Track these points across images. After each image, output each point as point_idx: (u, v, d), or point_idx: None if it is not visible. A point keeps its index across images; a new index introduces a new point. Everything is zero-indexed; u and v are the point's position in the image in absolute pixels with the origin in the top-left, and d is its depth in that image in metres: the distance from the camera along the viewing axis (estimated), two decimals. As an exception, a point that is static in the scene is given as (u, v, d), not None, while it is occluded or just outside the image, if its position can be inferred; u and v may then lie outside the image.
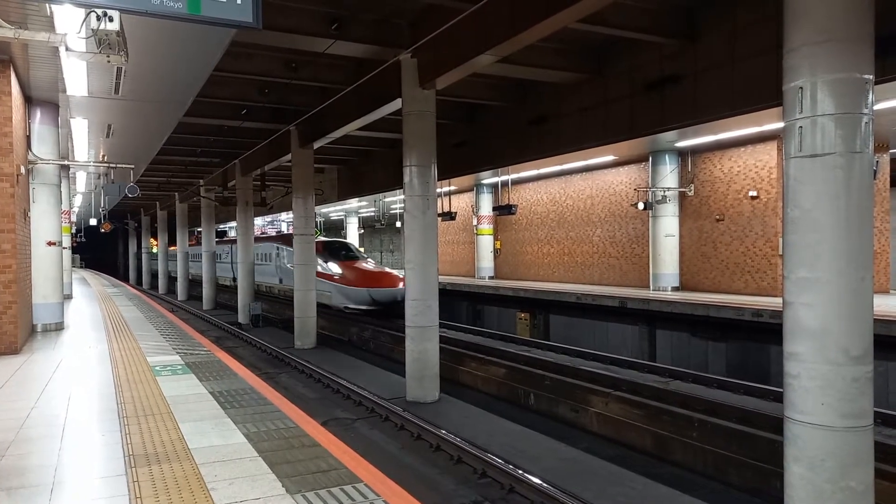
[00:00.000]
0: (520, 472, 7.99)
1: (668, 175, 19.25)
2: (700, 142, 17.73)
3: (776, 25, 6.37)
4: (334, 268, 24.23)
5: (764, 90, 10.65)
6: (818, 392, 5.85)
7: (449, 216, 26.62)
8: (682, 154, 19.26)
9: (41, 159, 12.23)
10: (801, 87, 5.91)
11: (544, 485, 7.58)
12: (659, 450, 9.86)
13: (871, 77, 5.82)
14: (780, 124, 6.41)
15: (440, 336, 13.15)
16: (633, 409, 10.68)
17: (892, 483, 7.61)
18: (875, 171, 11.86)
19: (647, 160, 19.90)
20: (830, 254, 5.81)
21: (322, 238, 27.64)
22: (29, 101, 11.96)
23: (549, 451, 9.62)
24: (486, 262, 28.21)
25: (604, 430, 10.87)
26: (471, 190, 28.98)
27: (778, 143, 16.70)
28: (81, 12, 6.59)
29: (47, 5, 7.12)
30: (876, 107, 6.25)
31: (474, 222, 28.61)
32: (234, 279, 37.45)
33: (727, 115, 11.92)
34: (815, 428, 5.85)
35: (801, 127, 5.94)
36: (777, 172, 16.74)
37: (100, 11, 5.62)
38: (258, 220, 46.97)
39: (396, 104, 13.54)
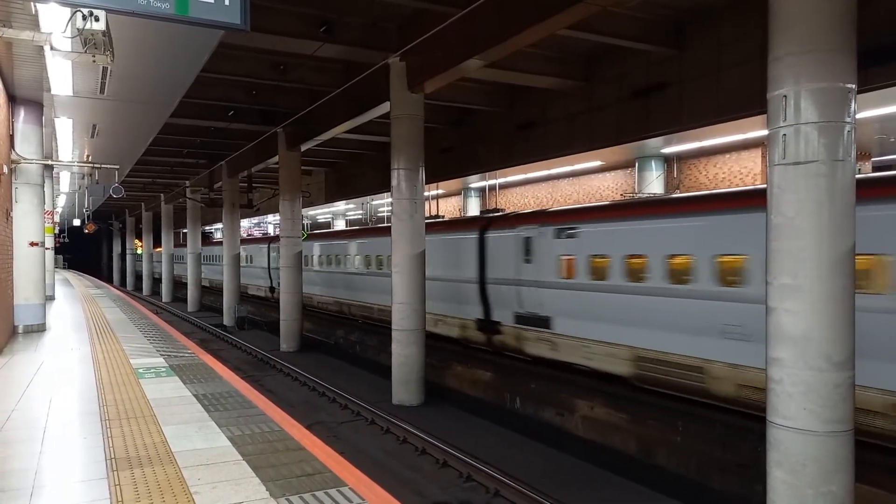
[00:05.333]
0: (505, 476, 8.00)
1: (655, 181, 19.39)
2: (686, 148, 17.88)
3: (761, 35, 6.46)
4: None
5: (748, 98, 10.77)
6: (800, 397, 5.90)
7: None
8: (668, 160, 19.41)
9: (24, 159, 12.09)
10: (786, 96, 5.98)
11: (529, 489, 7.59)
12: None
13: (853, 86, 5.90)
14: (765, 132, 6.48)
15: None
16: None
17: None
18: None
19: (634, 166, 20.03)
20: (813, 261, 5.87)
21: None
22: (13, 99, 11.83)
23: (535, 456, 9.64)
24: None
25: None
26: (458, 193, 29.02)
27: (762, 151, 16.88)
28: (67, 11, 6.54)
29: (32, 4, 7.06)
30: (858, 116, 6.33)
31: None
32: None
33: (713, 123, 12.05)
34: (798, 433, 5.91)
35: (784, 135, 6.01)
36: (761, 179, 16.92)
37: (86, 11, 5.58)
38: (244, 222, 46.65)
39: (385, 107, 13.54)
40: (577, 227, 12.33)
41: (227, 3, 4.54)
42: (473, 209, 27.84)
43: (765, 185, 6.35)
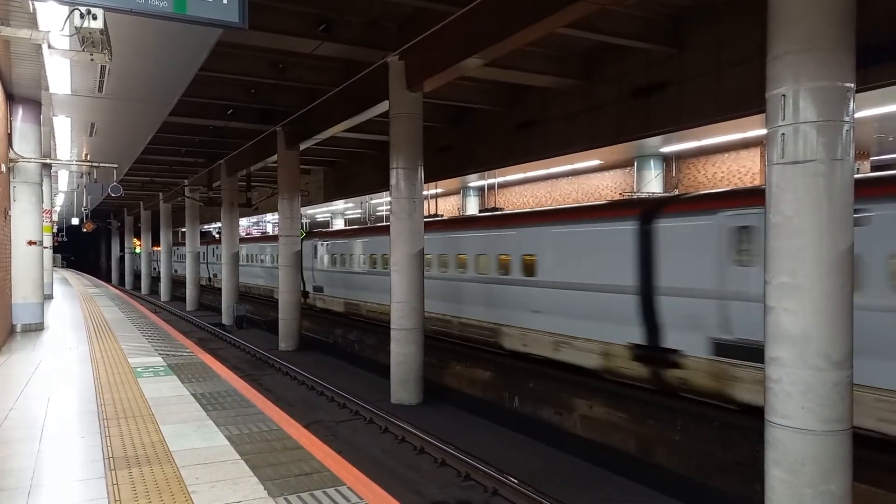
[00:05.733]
0: (503, 475, 7.99)
1: (653, 180, 19.39)
2: (684, 147, 17.89)
3: (761, 35, 6.45)
4: None
5: (748, 97, 10.76)
6: (799, 396, 5.90)
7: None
8: (667, 159, 19.42)
9: (22, 157, 12.07)
10: (784, 95, 5.98)
11: (527, 488, 7.59)
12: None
13: (852, 85, 5.90)
14: (764, 131, 6.48)
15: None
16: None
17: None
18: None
19: (633, 165, 20.04)
20: (812, 260, 5.87)
21: None
22: (11, 98, 11.81)
23: (534, 455, 9.64)
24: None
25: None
26: (457, 192, 29.01)
27: (761, 150, 16.88)
28: (65, 9, 6.52)
29: (30, 2, 7.04)
30: (857, 115, 6.33)
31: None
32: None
33: (712, 122, 12.05)
34: (796, 432, 5.91)
35: (783, 134, 6.01)
36: (760, 179, 16.92)
37: (84, 9, 5.57)
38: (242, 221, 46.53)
39: (383, 106, 13.52)
40: (863, 210, 7.70)
41: (225, 1, 4.53)
42: (472, 208, 27.83)
43: None
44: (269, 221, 51.01)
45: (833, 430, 5.83)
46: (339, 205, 36.38)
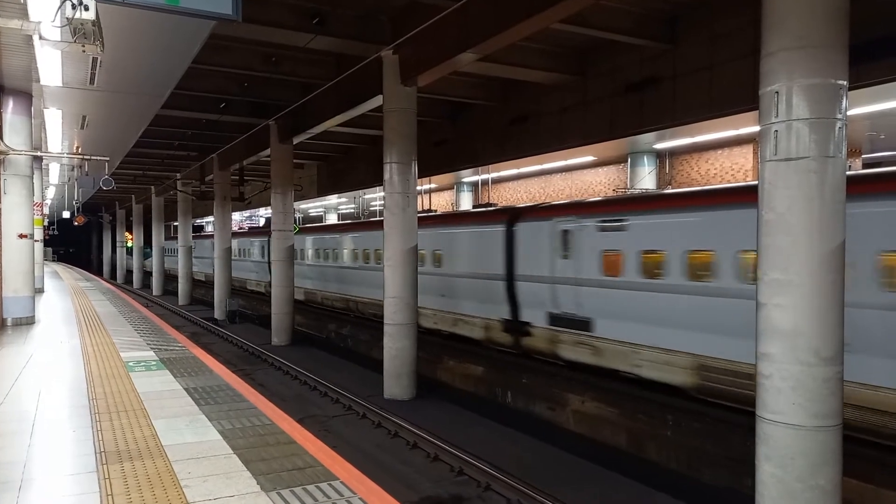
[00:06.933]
0: (496, 470, 8.01)
1: (647, 176, 19.44)
2: (678, 144, 17.93)
3: (754, 32, 6.46)
4: None
5: (741, 94, 10.79)
6: (790, 392, 5.94)
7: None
8: (661, 156, 19.46)
9: (13, 150, 11.98)
10: (778, 92, 6.00)
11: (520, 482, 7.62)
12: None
13: (845, 83, 5.92)
14: (757, 128, 6.50)
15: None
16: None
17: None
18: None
19: (626, 161, 20.07)
20: (803, 256, 5.90)
21: None
22: (1, 89, 11.71)
23: (526, 450, 9.67)
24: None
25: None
26: (451, 188, 28.99)
27: (754, 147, 16.94)
28: (56, 0, 6.46)
29: (21, -8, 6.98)
30: (849, 112, 6.36)
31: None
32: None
33: (705, 118, 12.07)
34: (787, 427, 5.95)
35: (776, 131, 6.03)
36: (753, 175, 16.99)
37: (75, 0, 5.51)
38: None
39: (377, 101, 13.48)
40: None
41: (218, -7, 4.50)
42: (466, 204, 27.82)
43: None
44: (262, 216, 50.83)
45: (823, 425, 5.87)
46: (333, 199, 36.32)
